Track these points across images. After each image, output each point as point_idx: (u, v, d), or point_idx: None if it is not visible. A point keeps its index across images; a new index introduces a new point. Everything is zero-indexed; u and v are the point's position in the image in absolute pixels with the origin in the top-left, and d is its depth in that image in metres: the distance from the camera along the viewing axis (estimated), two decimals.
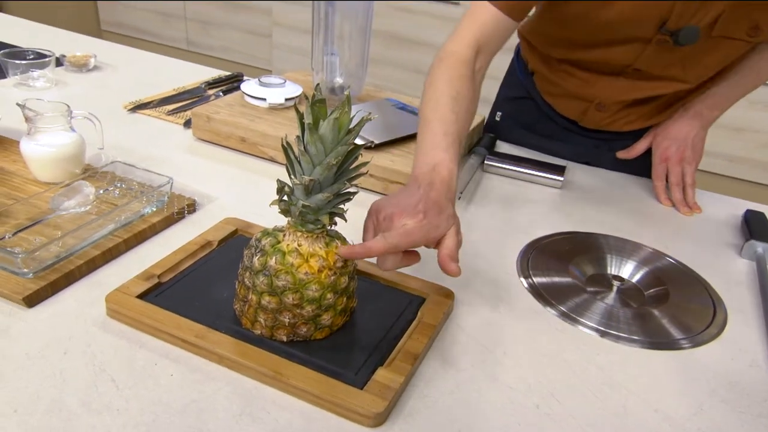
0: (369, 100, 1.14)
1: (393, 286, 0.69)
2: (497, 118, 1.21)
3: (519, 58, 1.17)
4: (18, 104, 0.78)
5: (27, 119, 0.78)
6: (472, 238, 0.83)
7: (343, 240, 0.61)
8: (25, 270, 0.63)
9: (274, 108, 1.05)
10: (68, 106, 0.80)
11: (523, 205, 0.94)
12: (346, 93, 0.55)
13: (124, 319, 0.61)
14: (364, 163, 0.57)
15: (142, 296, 0.63)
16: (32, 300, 0.62)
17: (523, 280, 0.75)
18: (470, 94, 0.77)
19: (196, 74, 1.35)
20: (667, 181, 1.01)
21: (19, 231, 0.69)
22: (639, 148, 1.05)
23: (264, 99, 1.05)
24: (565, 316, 0.69)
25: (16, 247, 0.66)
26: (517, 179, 1.01)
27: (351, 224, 0.61)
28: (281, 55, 3.40)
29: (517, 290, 0.74)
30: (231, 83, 1.29)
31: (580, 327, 0.68)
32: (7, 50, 1.19)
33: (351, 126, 0.55)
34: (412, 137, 0.98)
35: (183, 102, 1.18)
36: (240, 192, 0.89)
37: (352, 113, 0.54)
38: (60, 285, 0.65)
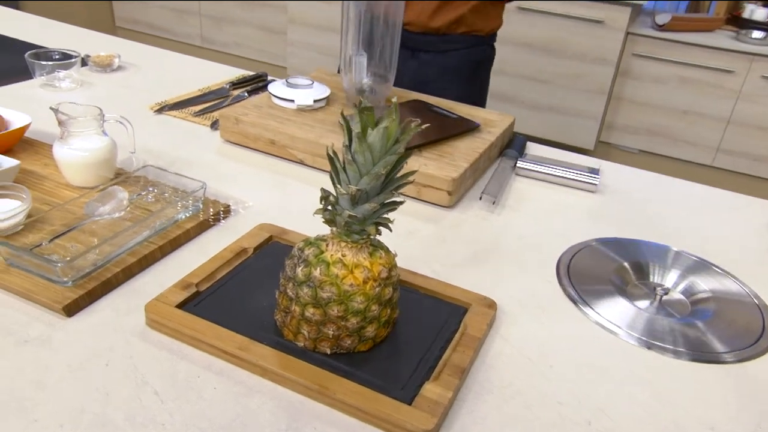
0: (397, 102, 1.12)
1: (433, 295, 0.68)
2: None
3: None
4: (51, 108, 0.77)
5: (60, 123, 0.77)
6: (508, 243, 0.82)
7: (387, 250, 0.59)
8: (65, 279, 0.62)
9: (302, 109, 1.04)
10: (101, 109, 0.79)
11: (559, 209, 0.92)
12: (393, 101, 0.54)
13: (164, 329, 0.60)
14: (412, 172, 0.56)
15: (181, 305, 0.62)
16: (71, 309, 0.61)
17: (563, 288, 0.73)
18: None
19: (218, 73, 1.34)
20: None
21: (55, 238, 0.68)
22: None
23: (292, 100, 1.04)
24: (608, 325, 0.68)
25: (54, 254, 0.66)
26: (551, 182, 1.00)
27: (393, 233, 0.59)
28: (296, 51, 3.38)
29: (557, 298, 0.72)
30: (255, 83, 1.28)
31: (624, 337, 0.66)
32: (33, 51, 1.18)
33: (399, 134, 0.53)
34: (442, 140, 0.96)
35: (208, 103, 1.17)
36: (270, 195, 0.88)
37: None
38: (97, 293, 0.64)
